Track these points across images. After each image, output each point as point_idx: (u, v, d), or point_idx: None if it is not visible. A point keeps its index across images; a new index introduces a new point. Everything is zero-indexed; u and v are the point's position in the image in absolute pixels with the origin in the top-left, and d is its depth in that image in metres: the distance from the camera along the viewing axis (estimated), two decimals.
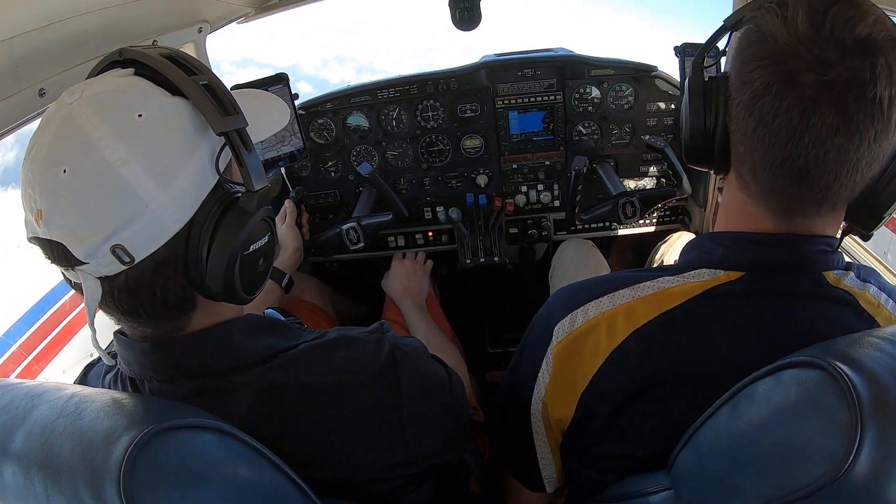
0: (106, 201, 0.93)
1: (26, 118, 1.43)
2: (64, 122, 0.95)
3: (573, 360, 1.24)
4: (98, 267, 0.96)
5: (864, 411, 0.79)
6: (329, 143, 2.89)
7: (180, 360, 1.11)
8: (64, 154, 0.93)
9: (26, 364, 4.88)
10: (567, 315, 1.26)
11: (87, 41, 1.58)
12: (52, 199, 0.93)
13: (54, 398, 0.99)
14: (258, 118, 1.10)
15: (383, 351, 1.22)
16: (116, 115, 0.96)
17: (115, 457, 0.83)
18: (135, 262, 0.96)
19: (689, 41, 2.35)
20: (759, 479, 0.92)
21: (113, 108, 0.97)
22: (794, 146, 1.02)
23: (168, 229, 0.98)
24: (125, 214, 0.94)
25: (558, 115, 2.83)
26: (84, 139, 0.93)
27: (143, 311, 1.04)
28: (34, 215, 0.95)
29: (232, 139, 1.00)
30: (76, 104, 0.96)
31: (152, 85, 1.02)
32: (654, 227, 3.01)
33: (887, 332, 0.93)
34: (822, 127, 0.99)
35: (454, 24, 2.14)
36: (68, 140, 0.94)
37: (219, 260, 1.01)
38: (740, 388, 0.99)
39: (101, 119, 0.94)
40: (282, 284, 2.30)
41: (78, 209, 0.93)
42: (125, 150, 0.93)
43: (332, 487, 1.19)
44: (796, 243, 1.15)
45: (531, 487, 1.47)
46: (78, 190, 0.93)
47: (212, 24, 2.34)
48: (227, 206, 1.03)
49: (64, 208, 0.93)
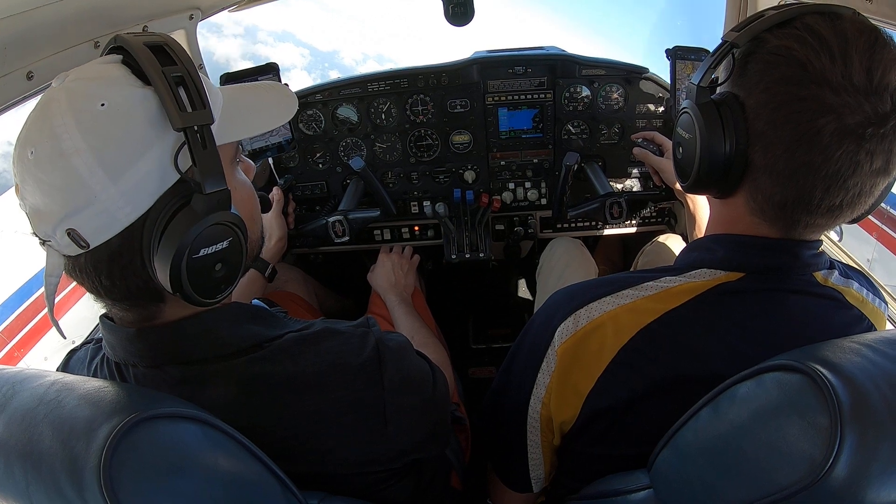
0: (59, 187, 0.96)
1: (14, 101, 1.41)
2: (42, 105, 0.99)
3: (578, 361, 1.24)
4: (58, 246, 1.01)
5: (844, 416, 0.80)
6: (317, 134, 2.88)
7: (162, 348, 1.12)
8: (32, 137, 0.97)
9: (7, 350, 4.84)
10: (570, 315, 1.25)
11: (75, 25, 1.56)
12: (22, 178, 0.99)
13: (35, 385, 0.98)
14: (268, 109, 1.15)
15: (368, 345, 1.22)
16: (81, 103, 0.97)
17: (95, 446, 0.83)
18: (90, 248, 0.99)
19: (681, 44, 2.36)
20: (738, 481, 0.92)
21: (81, 96, 0.97)
22: (839, 186, 1.06)
23: (118, 222, 0.99)
24: (75, 202, 0.96)
25: (548, 114, 2.83)
26: (49, 125, 0.95)
27: (106, 294, 1.06)
28: (15, 187, 1.01)
29: (189, 136, 0.98)
30: (57, 88, 0.99)
31: (128, 74, 1.02)
32: (639, 227, 3.02)
33: (868, 338, 0.94)
34: (869, 171, 1.04)
35: (447, 20, 2.13)
36: (38, 124, 0.98)
37: (163, 259, 1.00)
38: (721, 390, 1.00)
39: (68, 106, 0.96)
40: (265, 274, 2.29)
41: (39, 191, 0.97)
42: (81, 139, 0.95)
43: (312, 479, 1.19)
44: (794, 248, 1.18)
45: (517, 489, 1.47)
46: (39, 173, 0.96)
47: (203, 11, 2.33)
48: (179, 207, 1.01)
49: (30, 188, 0.98)
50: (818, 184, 1.06)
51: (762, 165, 1.10)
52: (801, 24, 1.05)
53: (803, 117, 1.02)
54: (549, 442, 1.37)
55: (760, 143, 1.09)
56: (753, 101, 1.10)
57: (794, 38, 1.04)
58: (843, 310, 1.23)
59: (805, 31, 1.03)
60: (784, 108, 1.04)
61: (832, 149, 1.02)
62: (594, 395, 1.23)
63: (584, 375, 1.23)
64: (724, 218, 1.26)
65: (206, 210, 1.01)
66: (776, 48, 1.06)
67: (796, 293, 1.19)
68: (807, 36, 1.02)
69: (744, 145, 1.11)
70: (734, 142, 1.12)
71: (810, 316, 1.20)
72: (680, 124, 1.26)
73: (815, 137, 1.02)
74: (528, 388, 1.32)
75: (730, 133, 1.12)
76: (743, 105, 1.11)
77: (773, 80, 1.06)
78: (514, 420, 1.37)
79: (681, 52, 2.36)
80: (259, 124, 1.20)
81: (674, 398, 1.13)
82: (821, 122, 1.01)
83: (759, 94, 1.08)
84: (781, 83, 1.04)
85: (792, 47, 1.03)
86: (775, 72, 1.06)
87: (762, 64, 1.08)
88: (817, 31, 1.02)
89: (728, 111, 1.12)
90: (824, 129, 1.01)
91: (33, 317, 5.03)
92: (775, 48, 1.06)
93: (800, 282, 1.20)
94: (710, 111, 1.14)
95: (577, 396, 1.25)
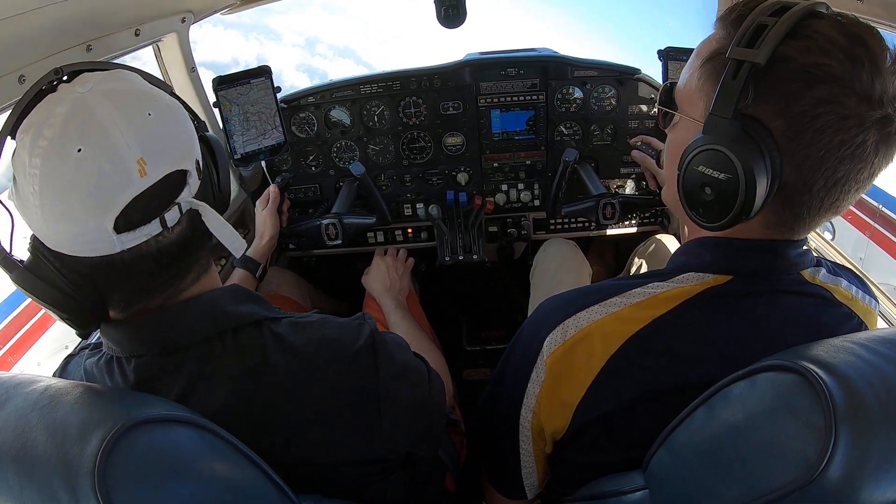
0: (185, 125, 1.15)
1: (6, 105, 1.41)
2: (110, 92, 1.06)
3: (567, 371, 1.23)
4: (193, 185, 1.14)
5: (839, 415, 0.80)
6: (310, 137, 2.88)
7: (172, 328, 1.15)
8: (140, 105, 1.07)
9: (0, 356, 4.81)
10: (558, 325, 1.24)
11: (67, 29, 1.56)
12: (150, 140, 1.05)
13: (28, 390, 0.98)
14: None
15: (364, 334, 1.26)
16: (133, 78, 1.14)
17: (90, 450, 0.83)
18: (201, 171, 1.17)
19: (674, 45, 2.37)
20: (733, 482, 0.92)
21: (126, 75, 1.13)
22: (862, 188, 1.08)
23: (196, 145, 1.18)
24: (192, 129, 1.17)
25: (540, 115, 2.84)
26: (145, 92, 1.11)
27: (176, 263, 1.15)
28: (136, 170, 1.02)
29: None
30: (97, 84, 1.06)
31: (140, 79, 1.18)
32: (632, 228, 3.02)
33: (862, 337, 0.94)
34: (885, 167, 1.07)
35: (439, 22, 2.14)
36: (133, 98, 1.08)
37: (224, 172, 1.26)
38: (716, 391, 1.00)
39: (133, 79, 1.13)
40: (255, 275, 2.29)
41: (175, 134, 1.12)
42: (162, 92, 1.15)
43: (305, 473, 1.20)
44: (781, 248, 1.18)
45: (511, 496, 1.47)
46: (167, 121, 1.10)
47: (195, 14, 2.33)
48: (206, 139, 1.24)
49: (163, 139, 1.08)
50: (852, 188, 1.07)
51: (794, 184, 1.07)
52: (815, 33, 1.00)
53: (848, 135, 1.00)
54: (541, 450, 1.36)
55: (794, 164, 1.05)
56: (784, 124, 1.03)
57: (822, 53, 0.99)
58: (832, 308, 1.23)
59: (825, 42, 0.99)
60: (828, 129, 1.00)
61: (872, 156, 1.03)
62: (584, 405, 1.22)
63: (574, 385, 1.22)
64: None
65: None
66: (808, 66, 1.00)
67: (784, 293, 1.19)
68: (831, 48, 0.99)
69: (778, 171, 1.05)
70: (771, 171, 1.05)
71: (799, 315, 1.19)
72: (704, 162, 1.10)
73: (858, 150, 1.01)
74: (518, 399, 1.32)
75: (768, 165, 1.04)
76: (769, 129, 1.04)
77: (813, 101, 1.00)
78: (507, 429, 1.37)
79: (673, 53, 2.37)
80: None
81: (665, 405, 1.12)
82: (864, 136, 1.00)
83: (792, 117, 1.02)
84: (822, 103, 0.99)
85: (826, 64, 0.98)
86: (813, 92, 1.00)
87: (793, 84, 1.01)
88: (837, 40, 0.99)
89: (762, 142, 1.04)
90: (867, 142, 1.01)
91: (26, 322, 5.01)
92: (807, 66, 1.00)
93: (787, 281, 1.20)
94: (750, 147, 1.04)
95: (567, 407, 1.24)
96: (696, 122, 1.15)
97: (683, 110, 1.21)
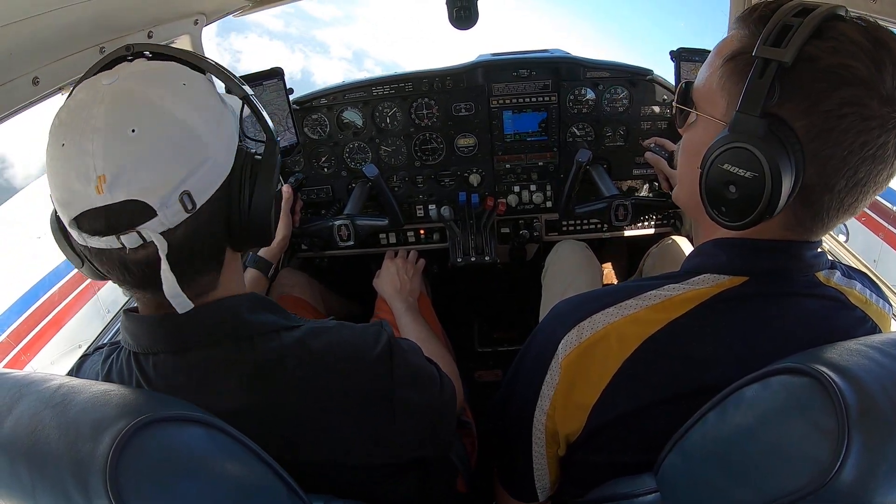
0: (179, 149, 1.04)
1: (20, 106, 1.42)
2: (118, 94, 1.03)
3: (583, 373, 1.23)
4: (165, 218, 1.03)
5: (852, 418, 0.80)
6: (323, 138, 2.88)
7: (191, 328, 1.15)
8: (128, 116, 1.01)
9: (14, 354, 4.86)
10: (573, 327, 1.24)
11: (81, 31, 1.57)
12: (121, 159, 0.99)
13: (42, 388, 0.99)
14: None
15: (381, 342, 1.27)
16: (167, 81, 1.09)
17: (101, 448, 0.83)
18: (196, 208, 1.06)
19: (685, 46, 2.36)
20: (745, 485, 0.92)
21: (162, 77, 1.10)
22: (880, 188, 1.09)
23: (222, 173, 1.11)
24: (195, 159, 1.05)
25: (553, 117, 2.83)
26: (146, 101, 1.03)
27: (186, 268, 1.10)
28: (93, 184, 0.98)
29: (250, 101, 1.22)
30: (120, 82, 1.05)
31: (179, 64, 1.16)
32: (644, 230, 3.01)
33: (875, 340, 0.94)
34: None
35: (451, 23, 2.14)
36: (129, 105, 1.03)
37: (261, 199, 1.15)
38: (728, 394, 0.99)
39: (156, 85, 1.07)
40: (267, 275, 2.30)
41: (152, 161, 1.01)
42: (185, 104, 1.06)
43: (317, 472, 1.20)
44: (796, 249, 1.17)
45: (523, 498, 1.46)
46: (150, 143, 1.01)
47: (208, 16, 2.34)
48: (257, 156, 1.18)
49: (136, 164, 1.00)
50: (870, 189, 1.07)
51: (816, 185, 1.07)
52: (841, 35, 1.01)
53: (871, 136, 1.01)
54: (554, 453, 1.36)
55: (815, 165, 1.05)
56: (808, 124, 1.03)
57: (848, 55, 0.99)
58: (846, 311, 1.22)
59: (851, 45, 1.00)
60: (852, 130, 1.01)
61: (892, 158, 1.04)
62: (599, 407, 1.22)
63: (589, 388, 1.22)
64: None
65: (277, 152, 1.20)
66: (833, 66, 1.00)
67: (799, 295, 1.19)
68: (857, 50, 0.99)
69: (801, 170, 1.06)
70: (795, 171, 1.05)
71: (813, 318, 1.19)
72: (730, 160, 1.09)
73: (879, 152, 1.02)
74: (532, 401, 1.31)
75: (792, 164, 1.04)
76: (793, 129, 1.05)
77: (839, 102, 1.00)
78: (519, 431, 1.36)
79: (685, 54, 2.36)
80: None
81: (680, 407, 1.12)
82: (885, 137, 1.01)
83: (817, 117, 1.02)
84: (847, 105, 1.00)
85: (851, 66, 0.99)
86: (839, 92, 1.00)
87: (819, 83, 1.01)
88: (862, 43, 0.99)
89: (787, 141, 1.04)
90: (889, 143, 1.02)
91: (39, 321, 5.05)
92: (833, 66, 1.00)
93: (802, 283, 1.19)
94: (776, 146, 1.04)
95: (582, 409, 1.23)
96: (716, 121, 1.15)
97: (702, 109, 1.20)
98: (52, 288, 5.40)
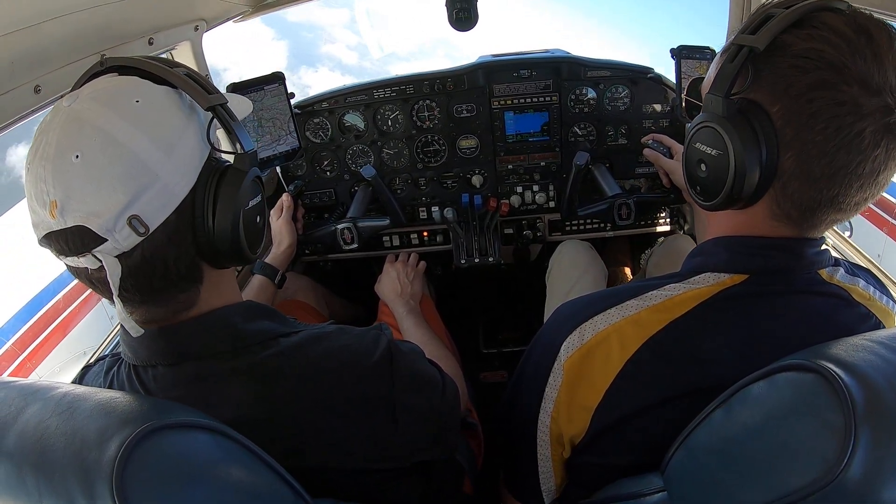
0: (120, 174, 1.00)
1: (21, 115, 1.43)
2: (68, 119, 1.02)
3: (585, 375, 1.23)
4: (116, 242, 1.01)
5: (858, 415, 0.79)
6: (325, 142, 2.89)
7: (186, 341, 1.16)
8: (73, 142, 1.00)
9: (19, 362, 4.87)
10: (575, 330, 1.24)
11: (82, 39, 1.57)
12: (67, 185, 0.99)
13: (47, 396, 0.99)
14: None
15: (381, 346, 1.26)
16: (117, 102, 1.04)
17: (107, 456, 0.83)
18: (150, 232, 1.03)
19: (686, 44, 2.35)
20: (752, 483, 0.91)
21: (113, 97, 1.05)
22: (872, 182, 1.07)
23: (176, 196, 1.06)
24: (138, 185, 1.01)
25: (554, 117, 2.83)
26: (91, 126, 1.01)
27: (157, 286, 1.10)
28: (47, 209, 0.99)
29: (218, 112, 1.14)
30: (76, 103, 1.03)
31: (140, 79, 1.12)
32: (648, 228, 3.01)
33: (881, 336, 0.93)
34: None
35: (450, 25, 2.14)
36: (76, 130, 1.01)
37: (224, 218, 1.10)
38: (734, 391, 0.99)
39: (105, 107, 1.03)
40: (275, 281, 2.30)
41: (94, 187, 0.99)
42: (131, 127, 1.02)
43: (321, 476, 1.20)
44: (797, 247, 1.17)
45: (528, 501, 1.45)
46: (92, 169, 0.99)
47: (208, 23, 2.34)
48: (222, 171, 1.13)
49: (80, 190, 0.99)
50: (853, 182, 1.06)
51: (794, 172, 1.08)
52: (821, 24, 1.02)
53: (844, 122, 1.00)
54: (559, 455, 1.36)
55: (793, 150, 1.06)
56: (782, 108, 1.06)
57: (822, 40, 1.01)
58: (850, 308, 1.22)
59: (828, 32, 1.01)
60: (823, 115, 1.01)
61: (872, 149, 1.02)
62: (602, 408, 1.22)
63: (592, 390, 1.22)
64: (735, 222, 1.23)
65: (247, 165, 1.15)
66: (805, 51, 1.02)
67: (801, 293, 1.19)
68: (832, 36, 1.00)
69: (775, 155, 1.07)
70: (767, 153, 1.07)
71: (816, 315, 1.19)
72: (700, 139, 1.17)
73: (856, 140, 1.01)
74: (536, 404, 1.31)
75: (762, 145, 1.07)
76: (767, 113, 1.07)
77: (808, 86, 1.02)
78: (524, 434, 1.36)
79: (686, 52, 2.35)
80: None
81: (683, 407, 1.12)
82: (861, 125, 1.00)
83: (789, 101, 1.04)
84: (817, 88, 1.01)
85: (823, 50, 1.00)
86: (808, 77, 1.02)
87: (790, 69, 1.04)
88: (841, 30, 1.00)
89: (757, 122, 1.07)
90: (865, 132, 1.00)
91: (44, 329, 5.06)
92: (804, 51, 1.02)
93: (804, 280, 1.19)
94: (742, 125, 1.08)
95: (586, 411, 1.23)
96: None
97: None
98: (57, 294, 5.41)
